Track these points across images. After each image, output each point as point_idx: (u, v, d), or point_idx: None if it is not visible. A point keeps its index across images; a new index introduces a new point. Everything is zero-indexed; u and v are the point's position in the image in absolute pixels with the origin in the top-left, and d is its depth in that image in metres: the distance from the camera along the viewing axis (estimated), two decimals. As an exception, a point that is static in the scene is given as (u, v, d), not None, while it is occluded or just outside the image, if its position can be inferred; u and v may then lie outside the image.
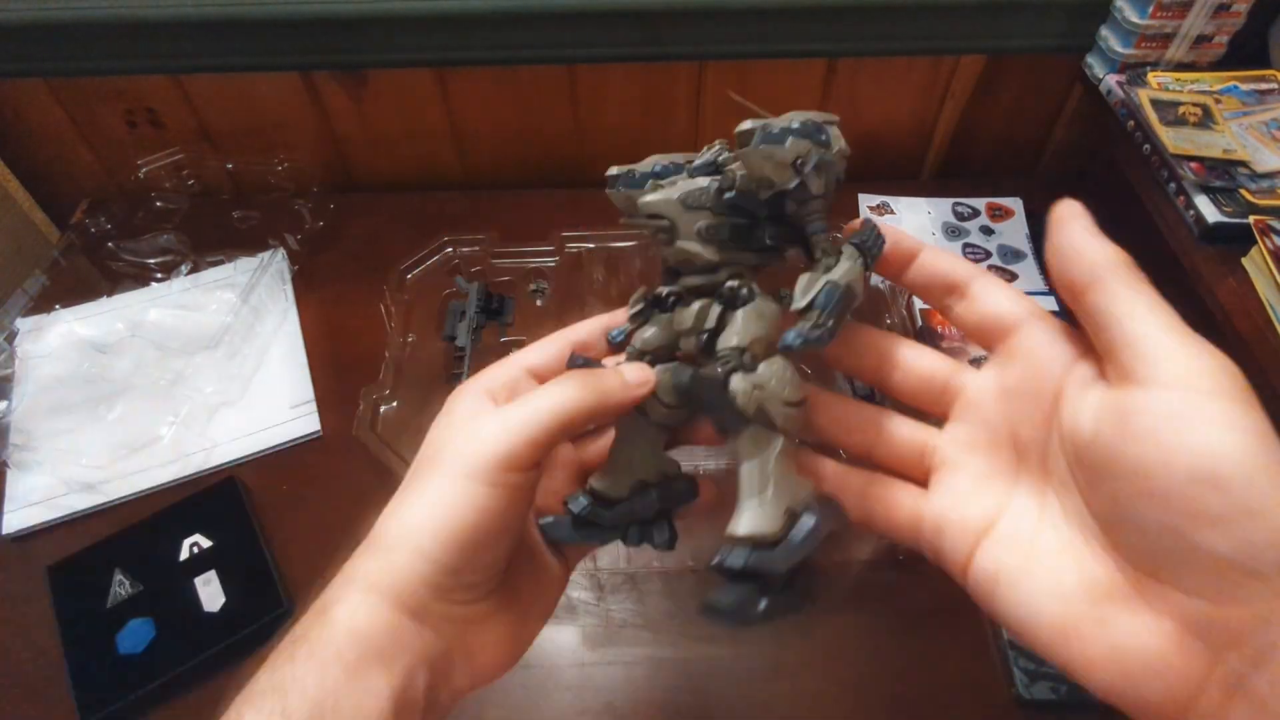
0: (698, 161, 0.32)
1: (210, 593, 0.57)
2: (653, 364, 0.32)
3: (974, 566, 0.28)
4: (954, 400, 0.31)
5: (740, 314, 0.30)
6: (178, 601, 0.57)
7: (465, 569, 0.28)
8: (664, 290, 0.33)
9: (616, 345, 0.34)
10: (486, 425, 0.29)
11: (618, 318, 0.34)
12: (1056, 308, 0.73)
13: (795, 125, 0.28)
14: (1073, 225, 0.26)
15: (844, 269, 0.28)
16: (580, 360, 0.32)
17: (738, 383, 0.28)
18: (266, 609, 0.56)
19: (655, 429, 0.33)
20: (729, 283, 0.30)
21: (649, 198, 0.31)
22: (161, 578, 0.58)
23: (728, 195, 0.30)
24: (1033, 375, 0.28)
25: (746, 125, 0.28)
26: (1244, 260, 0.58)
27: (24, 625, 0.57)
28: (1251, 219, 0.58)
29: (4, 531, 0.61)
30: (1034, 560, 0.26)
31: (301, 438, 0.67)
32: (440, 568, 0.28)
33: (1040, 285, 0.76)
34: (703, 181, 0.31)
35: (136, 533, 0.60)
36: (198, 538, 0.60)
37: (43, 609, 0.57)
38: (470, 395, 0.32)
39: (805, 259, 0.31)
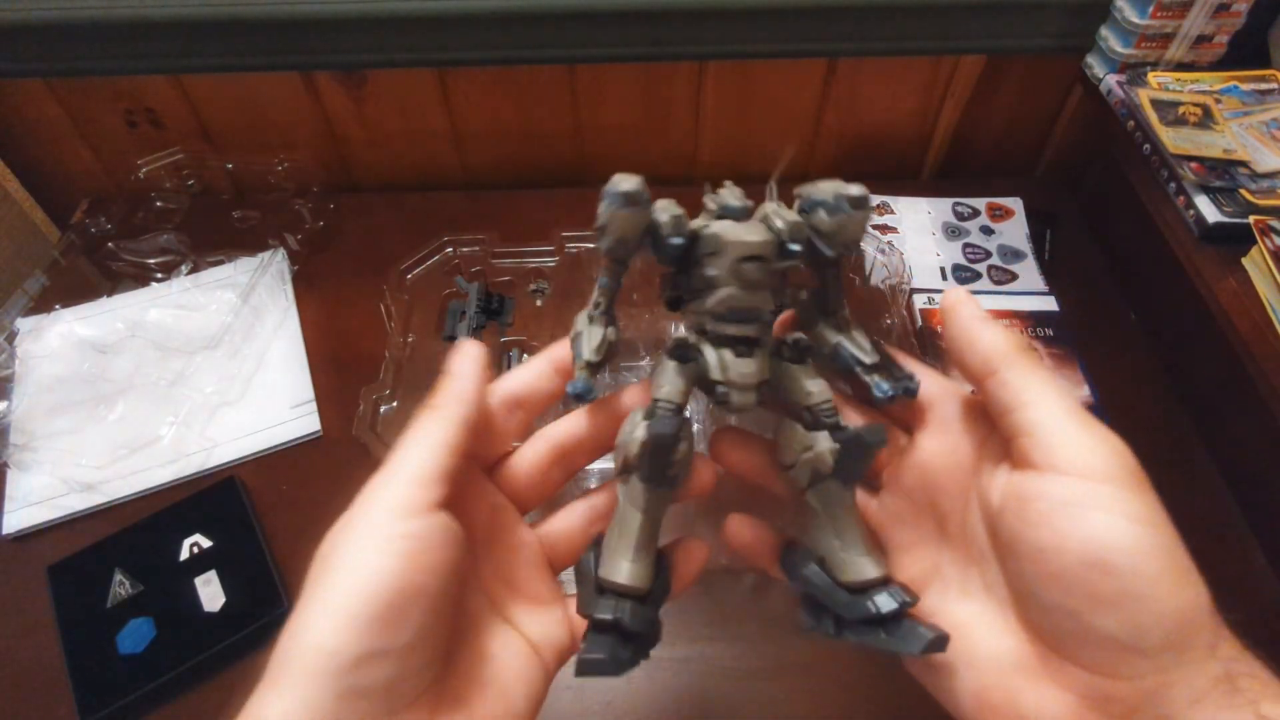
0: (730, 204, 0.30)
1: (210, 593, 0.57)
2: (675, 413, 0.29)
3: None
4: (883, 468, 0.32)
5: (808, 367, 0.31)
6: (178, 601, 0.57)
7: (382, 644, 0.23)
8: (690, 337, 0.30)
9: (577, 398, 0.30)
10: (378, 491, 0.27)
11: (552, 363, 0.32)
12: (1056, 307, 0.74)
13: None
14: (963, 314, 0.28)
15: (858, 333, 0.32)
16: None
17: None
18: (266, 609, 0.56)
19: (667, 492, 0.30)
20: (796, 335, 0.31)
21: (749, 237, 0.29)
22: (161, 578, 0.58)
23: (792, 248, 0.29)
24: (952, 449, 0.29)
25: (855, 190, 0.29)
26: (1244, 260, 0.58)
27: (24, 625, 0.57)
28: (1251, 219, 0.58)
29: (4, 531, 0.61)
30: (954, 630, 0.27)
31: (301, 437, 0.67)
32: (349, 655, 0.23)
33: (1040, 285, 0.76)
34: (766, 233, 0.29)
35: (136, 533, 0.60)
36: (198, 538, 0.60)
37: (43, 609, 0.57)
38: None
39: (818, 312, 0.33)
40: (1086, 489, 0.23)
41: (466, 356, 0.30)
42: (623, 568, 0.28)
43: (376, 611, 0.23)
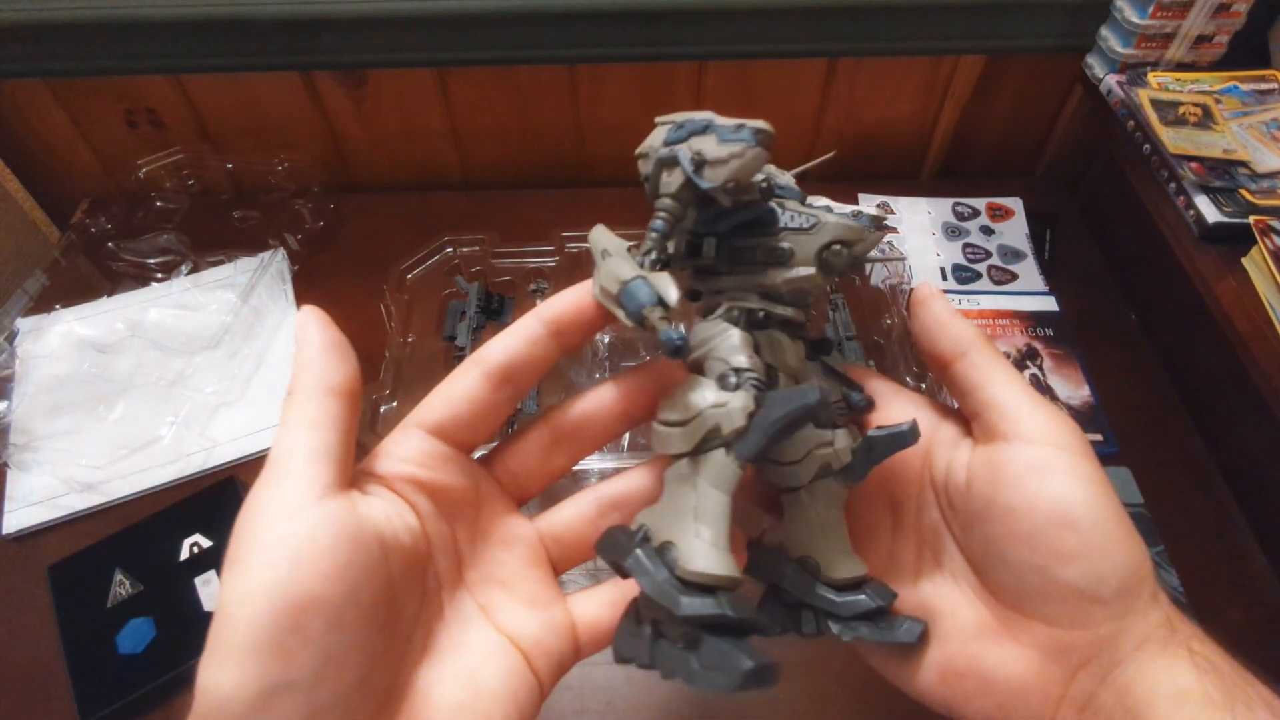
0: (783, 182, 0.29)
1: (210, 593, 0.57)
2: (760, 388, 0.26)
3: None
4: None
5: (819, 364, 0.30)
6: (178, 601, 0.57)
7: (281, 676, 0.20)
8: (759, 309, 0.28)
9: (676, 351, 0.25)
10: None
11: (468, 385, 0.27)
12: (1056, 307, 0.74)
13: None
14: (935, 305, 0.29)
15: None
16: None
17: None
18: (266, 609, 0.56)
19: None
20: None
21: (851, 223, 0.28)
22: (161, 578, 0.58)
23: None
24: None
25: (875, 212, 0.29)
26: (1244, 260, 0.58)
27: (24, 625, 0.57)
28: (1251, 219, 0.58)
29: (4, 531, 0.61)
30: (918, 612, 0.29)
31: (301, 438, 0.67)
32: (245, 697, 0.20)
33: (1040, 285, 0.76)
34: (857, 225, 0.29)
35: (136, 533, 0.60)
36: (198, 538, 0.60)
37: (43, 609, 0.57)
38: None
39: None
40: (1051, 455, 0.26)
41: (306, 322, 0.26)
42: (713, 556, 0.24)
43: (262, 639, 0.20)
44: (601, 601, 0.29)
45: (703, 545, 0.24)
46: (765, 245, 0.28)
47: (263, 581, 0.21)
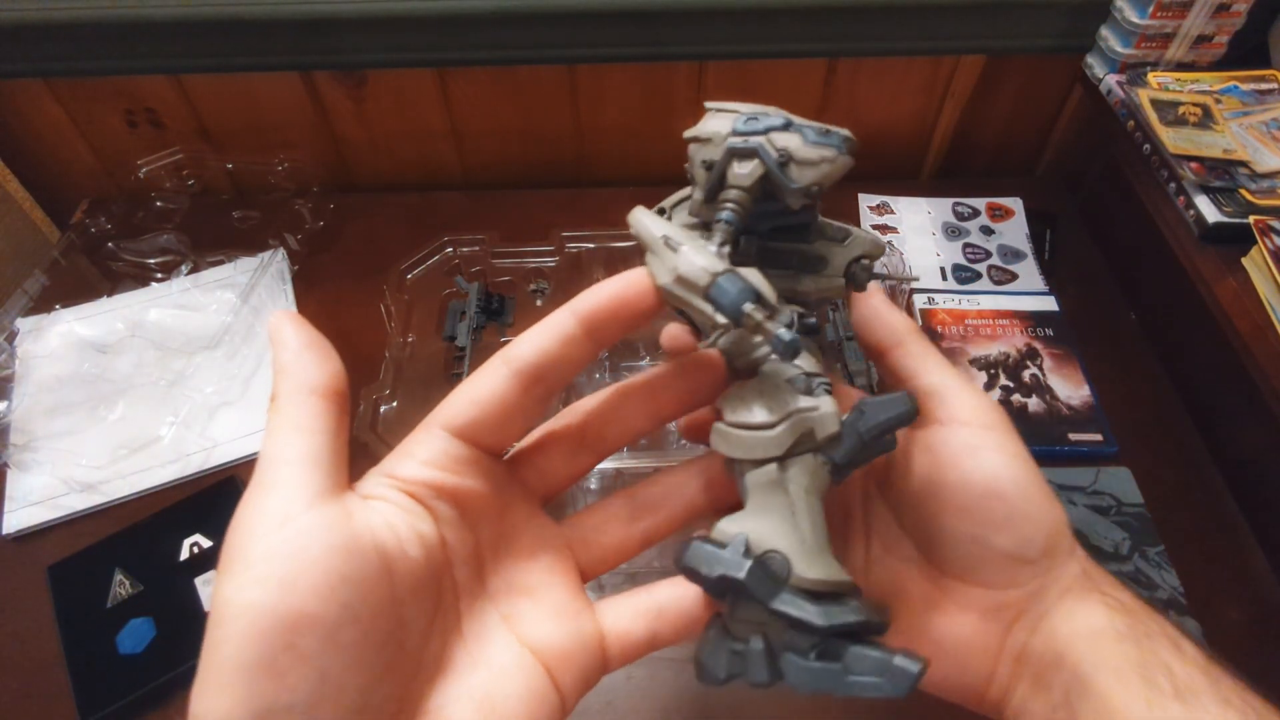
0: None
1: (210, 593, 0.57)
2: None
3: None
4: None
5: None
6: (178, 601, 0.57)
7: (275, 700, 0.19)
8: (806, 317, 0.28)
9: (794, 352, 0.23)
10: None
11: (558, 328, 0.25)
12: (1056, 307, 0.74)
13: None
14: (873, 299, 0.31)
15: None
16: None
17: None
18: (266, 609, 0.56)
19: None
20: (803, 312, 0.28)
21: (880, 241, 0.29)
22: (161, 578, 0.58)
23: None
24: None
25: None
26: (1244, 260, 0.58)
27: (24, 625, 0.57)
28: (1251, 219, 0.58)
29: (4, 531, 0.61)
30: (870, 594, 0.30)
31: (301, 438, 0.67)
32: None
33: (1040, 285, 0.76)
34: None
35: (136, 533, 0.60)
36: (198, 538, 0.60)
37: (43, 609, 0.57)
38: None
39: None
40: (981, 434, 0.28)
41: (280, 325, 0.25)
42: (827, 561, 0.23)
43: (252, 659, 0.19)
44: (635, 611, 0.27)
45: (812, 552, 0.23)
46: (801, 251, 0.28)
47: (251, 599, 0.19)
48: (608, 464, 0.55)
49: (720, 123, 0.26)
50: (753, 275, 0.23)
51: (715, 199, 0.26)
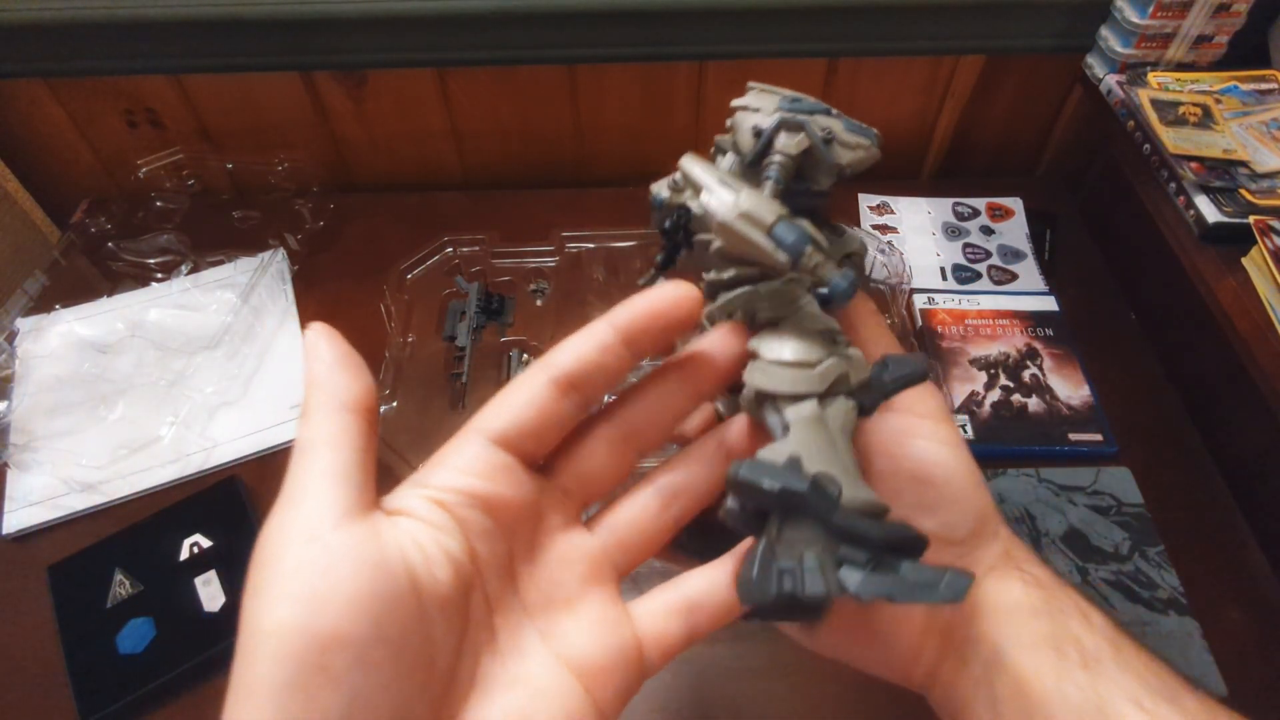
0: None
1: (210, 593, 0.57)
2: None
3: None
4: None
5: None
6: (178, 601, 0.57)
7: None
8: None
9: (847, 295, 0.26)
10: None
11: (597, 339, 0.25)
12: (1056, 307, 0.74)
13: None
14: None
15: None
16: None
17: None
18: (266, 609, 0.56)
19: None
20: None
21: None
22: (161, 578, 0.58)
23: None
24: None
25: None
26: (1244, 260, 0.58)
27: (24, 625, 0.57)
28: (1251, 219, 0.58)
29: (4, 531, 0.61)
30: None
31: (301, 438, 0.67)
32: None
33: (1040, 285, 0.76)
34: None
35: (136, 533, 0.60)
36: (198, 538, 0.60)
37: (43, 609, 0.57)
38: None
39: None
40: (915, 422, 0.29)
41: (316, 339, 0.25)
42: (867, 488, 0.24)
43: (284, 679, 0.19)
44: (669, 610, 0.26)
45: (855, 480, 0.24)
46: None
47: (281, 617, 0.19)
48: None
49: (767, 99, 0.28)
50: (807, 224, 0.25)
51: (759, 164, 0.28)
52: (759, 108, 0.28)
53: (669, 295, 0.25)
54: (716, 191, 0.26)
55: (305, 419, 0.23)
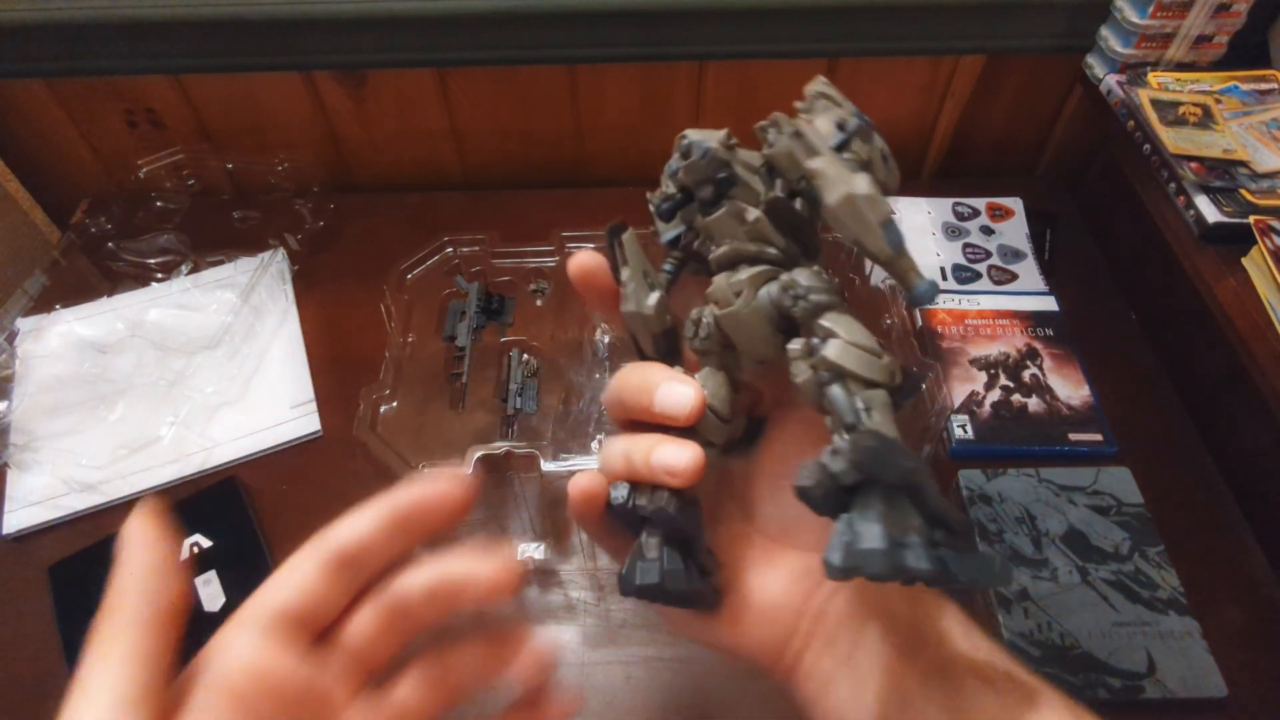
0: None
1: (210, 593, 0.57)
2: None
3: None
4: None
5: None
6: (178, 601, 0.57)
7: None
8: None
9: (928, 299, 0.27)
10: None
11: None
12: (1056, 307, 0.74)
13: None
14: None
15: None
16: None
17: None
18: (266, 609, 0.56)
19: None
20: None
21: None
22: (161, 578, 0.58)
23: None
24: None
25: None
26: (1244, 260, 0.58)
27: (24, 625, 0.57)
28: (1251, 219, 0.58)
29: (4, 531, 0.61)
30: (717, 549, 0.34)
31: (301, 438, 0.67)
32: None
33: (1040, 285, 0.76)
34: None
35: (136, 533, 0.60)
36: (197, 538, 0.60)
37: (43, 609, 0.57)
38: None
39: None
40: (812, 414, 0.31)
41: (132, 537, 0.24)
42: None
43: None
44: None
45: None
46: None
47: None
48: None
49: (836, 110, 0.30)
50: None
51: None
52: (841, 101, 0.30)
53: (439, 490, 0.27)
54: (842, 164, 0.26)
55: (104, 623, 0.23)
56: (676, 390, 0.29)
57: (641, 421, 0.30)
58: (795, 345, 0.28)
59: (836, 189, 0.26)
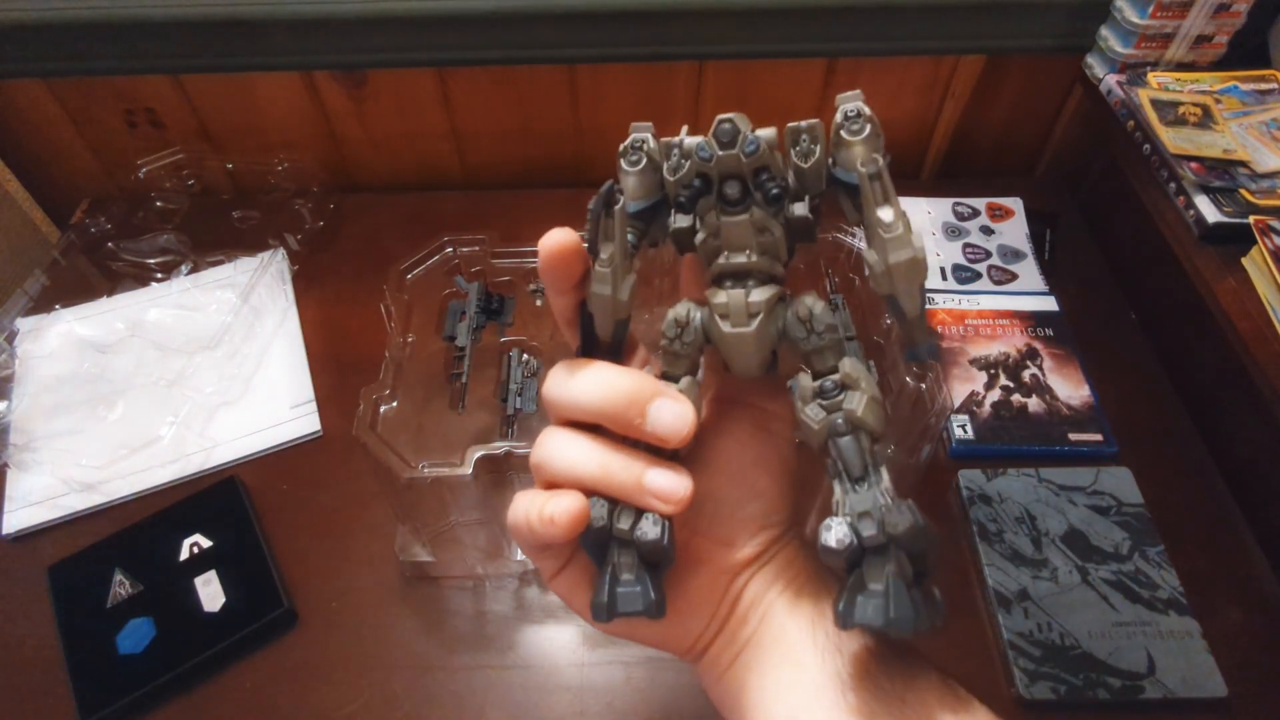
0: None
1: (210, 593, 0.57)
2: None
3: None
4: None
5: None
6: (178, 601, 0.57)
7: None
8: None
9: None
10: None
11: None
12: (1056, 307, 0.74)
13: None
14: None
15: None
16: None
17: None
18: (266, 609, 0.56)
19: None
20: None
21: None
22: (161, 578, 0.58)
23: None
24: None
25: None
26: (1244, 260, 0.58)
27: (24, 625, 0.57)
28: (1251, 219, 0.58)
29: (4, 531, 0.61)
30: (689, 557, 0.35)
31: (301, 438, 0.67)
32: None
33: (1040, 285, 0.76)
34: None
35: (136, 533, 0.60)
36: (198, 538, 0.60)
37: (43, 609, 0.57)
38: None
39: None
40: (769, 420, 0.33)
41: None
42: None
43: None
44: None
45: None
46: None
47: None
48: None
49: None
50: None
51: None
52: (880, 135, 0.29)
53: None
54: (908, 221, 0.26)
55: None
56: (672, 411, 0.28)
57: (587, 423, 0.30)
58: (806, 383, 0.28)
59: (904, 251, 0.26)
